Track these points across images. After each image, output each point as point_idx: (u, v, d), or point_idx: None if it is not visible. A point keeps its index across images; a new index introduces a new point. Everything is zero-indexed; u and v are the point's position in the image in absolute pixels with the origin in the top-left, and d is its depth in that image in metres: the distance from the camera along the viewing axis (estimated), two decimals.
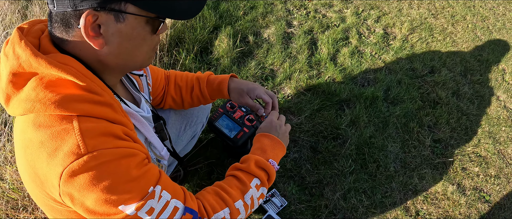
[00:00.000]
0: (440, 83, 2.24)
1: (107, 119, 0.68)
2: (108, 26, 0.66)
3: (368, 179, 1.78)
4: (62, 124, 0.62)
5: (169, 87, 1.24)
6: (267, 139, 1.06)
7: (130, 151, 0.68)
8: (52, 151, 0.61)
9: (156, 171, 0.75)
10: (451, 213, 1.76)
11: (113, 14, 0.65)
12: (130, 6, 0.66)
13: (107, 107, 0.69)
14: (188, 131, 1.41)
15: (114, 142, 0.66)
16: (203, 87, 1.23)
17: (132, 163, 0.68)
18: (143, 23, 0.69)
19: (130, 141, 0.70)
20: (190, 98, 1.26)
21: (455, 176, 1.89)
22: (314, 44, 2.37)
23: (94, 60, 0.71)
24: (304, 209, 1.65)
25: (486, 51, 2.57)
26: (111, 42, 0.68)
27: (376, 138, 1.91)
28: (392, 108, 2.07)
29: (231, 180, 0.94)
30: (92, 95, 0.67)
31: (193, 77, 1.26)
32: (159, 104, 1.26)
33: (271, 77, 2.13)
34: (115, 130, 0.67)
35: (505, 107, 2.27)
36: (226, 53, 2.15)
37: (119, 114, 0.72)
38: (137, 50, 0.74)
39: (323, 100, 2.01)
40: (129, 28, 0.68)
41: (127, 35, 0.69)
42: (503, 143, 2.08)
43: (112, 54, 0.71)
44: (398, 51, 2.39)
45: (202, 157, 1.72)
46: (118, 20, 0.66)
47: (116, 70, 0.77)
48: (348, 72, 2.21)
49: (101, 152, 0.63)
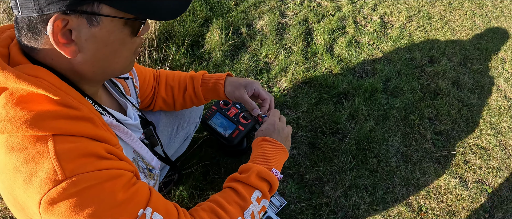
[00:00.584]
0: (440, 73, 2.21)
1: (87, 136, 0.62)
2: (81, 31, 0.59)
3: (369, 175, 1.74)
4: (36, 146, 0.56)
5: (159, 87, 1.15)
6: (269, 145, 0.97)
7: (115, 173, 0.62)
8: (28, 177, 0.55)
9: (146, 190, 0.69)
10: (454, 208, 1.73)
11: (86, 17, 0.58)
12: (105, 8, 0.58)
13: (86, 122, 0.63)
14: (180, 133, 1.34)
15: (95, 163, 0.60)
16: (197, 87, 1.15)
17: (118, 186, 0.62)
18: (120, 25, 0.62)
19: (114, 160, 0.64)
20: (183, 99, 1.17)
21: (458, 169, 1.86)
22: (310, 34, 2.30)
23: (68, 69, 0.64)
24: (304, 208, 1.60)
25: (485, 39, 2.55)
26: (85, 49, 0.61)
27: (377, 132, 1.87)
28: (392, 100, 2.03)
29: (230, 195, 0.86)
30: (68, 110, 0.60)
31: (186, 76, 1.17)
32: (149, 106, 1.19)
33: (265, 70, 2.06)
34: (96, 149, 0.61)
35: (506, 97, 2.25)
36: (218, 46, 2.08)
37: (100, 129, 0.65)
38: (116, 55, 0.67)
39: (321, 93, 1.96)
40: (105, 32, 0.61)
41: (103, 40, 0.62)
42: (505, 134, 2.07)
43: (88, 62, 0.64)
44: (396, 40, 2.35)
45: (196, 158, 1.66)
46: (91, 24, 0.59)
47: (94, 79, 0.70)
48: (345, 63, 2.16)
49: (81, 176, 0.57)
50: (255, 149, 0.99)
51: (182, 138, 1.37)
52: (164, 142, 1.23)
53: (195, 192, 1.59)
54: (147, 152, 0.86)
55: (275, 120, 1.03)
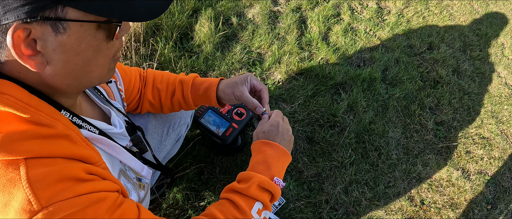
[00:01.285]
0: (439, 61, 2.17)
1: (63, 156, 0.56)
2: (46, 41, 0.51)
3: (370, 169, 1.70)
4: (7, 172, 0.50)
5: (146, 90, 1.08)
6: (271, 150, 0.89)
7: (97, 196, 0.57)
8: (3, 206, 0.50)
9: (133, 210, 0.64)
10: (456, 200, 1.72)
11: (50, 25, 0.50)
12: (71, 11, 0.51)
13: (62, 140, 0.57)
14: (171, 135, 1.26)
15: (74, 188, 0.54)
16: (186, 92, 1.06)
17: (101, 210, 0.57)
18: (92, 30, 0.55)
19: (95, 181, 0.59)
20: (171, 103, 1.09)
21: (459, 161, 1.84)
22: (304, 22, 2.24)
23: (39, 83, 0.57)
24: (303, 207, 1.56)
25: (484, 25, 2.52)
26: (54, 60, 0.54)
27: (376, 123, 1.82)
28: (391, 89, 1.98)
29: (228, 208, 0.80)
30: (39, 128, 0.54)
31: (175, 80, 1.08)
32: (136, 109, 1.11)
33: (258, 62, 1.99)
34: (74, 172, 0.56)
35: (506, 84, 2.24)
36: (208, 38, 2.00)
37: (78, 147, 0.60)
38: (91, 64, 0.59)
39: (317, 85, 1.90)
40: (75, 39, 0.53)
41: (73, 48, 0.54)
42: (506, 122, 2.05)
43: (59, 75, 0.57)
44: (394, 27, 2.30)
45: (189, 158, 1.60)
46: (57, 31, 0.51)
47: (69, 91, 0.63)
48: (342, 52, 2.10)
49: (59, 205, 0.51)
50: (255, 153, 0.91)
51: (174, 140, 1.30)
52: (154, 145, 1.17)
53: (190, 194, 1.53)
54: (136, 162, 0.81)
55: (279, 121, 0.94)
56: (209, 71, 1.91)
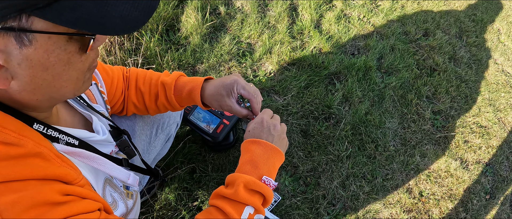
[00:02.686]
0: (435, 48, 2.19)
1: (35, 178, 0.52)
2: (10, 54, 0.47)
3: (367, 162, 1.71)
4: None
5: (129, 92, 1.03)
6: (258, 148, 0.84)
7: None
8: None
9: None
10: (455, 191, 1.75)
11: (13, 36, 0.46)
12: (37, 21, 0.46)
13: (33, 160, 0.53)
14: (160, 135, 1.22)
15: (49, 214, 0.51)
16: (170, 95, 1.00)
17: None
18: (62, 42, 0.50)
19: (73, 202, 0.55)
20: (156, 106, 1.04)
21: (458, 151, 1.86)
22: (295, 10, 2.22)
23: (5, 98, 0.54)
24: (300, 203, 1.56)
25: (480, 10, 2.55)
26: (19, 75, 0.50)
27: (373, 114, 1.83)
28: (387, 78, 1.99)
29: (215, 216, 0.76)
30: (6, 148, 0.50)
31: (157, 81, 1.02)
32: (121, 111, 1.07)
33: (249, 53, 1.97)
34: (47, 196, 0.52)
35: (503, 71, 2.27)
36: (195, 30, 1.96)
37: (52, 165, 0.56)
38: (61, 79, 0.54)
39: (311, 75, 1.89)
40: (42, 53, 0.49)
41: (41, 63, 0.50)
42: (503, 110, 2.08)
43: (26, 90, 0.52)
44: (388, 13, 2.30)
45: (180, 157, 1.57)
46: (22, 44, 0.47)
47: (40, 106, 0.59)
48: (335, 40, 2.09)
49: None
50: (242, 154, 0.87)
51: (163, 140, 1.27)
52: (142, 147, 1.13)
53: (183, 194, 1.52)
54: (120, 171, 0.77)
55: (263, 117, 0.90)
56: (197, 63, 1.88)
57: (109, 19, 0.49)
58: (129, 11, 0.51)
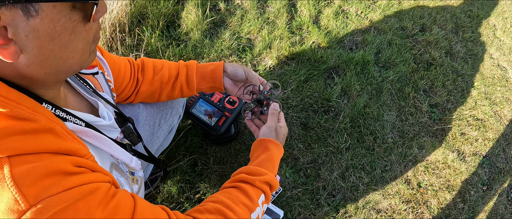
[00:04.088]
0: (432, 42, 2.24)
1: (48, 151, 0.55)
2: (18, 27, 0.49)
3: (366, 153, 1.75)
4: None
5: (145, 75, 1.08)
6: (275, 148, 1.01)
7: (88, 188, 0.56)
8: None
9: (129, 200, 0.64)
10: (453, 182, 1.79)
11: (20, 8, 0.48)
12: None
13: (46, 135, 0.56)
14: (164, 126, 1.26)
15: (63, 182, 0.53)
16: (191, 74, 1.09)
17: (94, 202, 0.56)
18: (67, 11, 0.52)
19: (85, 173, 0.58)
20: (171, 88, 1.11)
21: (455, 143, 1.91)
22: (294, 6, 2.27)
23: (14, 75, 0.55)
24: (301, 194, 1.60)
25: (476, 6, 2.60)
26: (28, 47, 0.51)
27: (371, 107, 1.88)
28: (384, 72, 2.04)
29: (237, 196, 0.85)
30: (21, 123, 0.53)
31: (177, 64, 1.12)
32: (128, 98, 1.11)
33: (248, 48, 2.01)
34: (61, 165, 0.54)
35: (499, 66, 2.32)
36: (195, 26, 2.01)
37: (64, 140, 0.58)
38: (68, 49, 0.57)
39: (310, 69, 1.94)
40: (48, 23, 0.51)
41: (47, 33, 0.52)
42: (499, 103, 2.13)
43: (35, 63, 0.54)
44: (386, 8, 2.35)
45: (182, 150, 1.61)
46: (28, 15, 0.49)
47: (47, 81, 0.60)
48: (333, 35, 2.14)
49: (49, 201, 0.50)
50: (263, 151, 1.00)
51: (166, 131, 1.30)
52: (146, 138, 1.17)
53: (185, 186, 1.55)
54: (125, 154, 0.81)
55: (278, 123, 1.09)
56: (198, 59, 1.92)
57: None
58: None
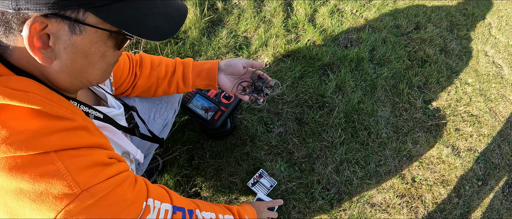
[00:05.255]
0: (427, 40, 2.26)
1: (86, 145, 0.63)
2: (60, 38, 0.56)
3: (360, 148, 1.77)
4: (41, 165, 0.56)
5: (143, 70, 1.14)
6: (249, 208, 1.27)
7: (121, 177, 0.67)
8: (37, 197, 0.56)
9: (143, 182, 0.76)
10: (447, 177, 1.80)
11: (68, 24, 0.55)
12: (91, 16, 0.56)
13: (81, 132, 0.63)
14: (158, 120, 1.31)
15: (104, 172, 0.63)
16: (187, 72, 1.16)
17: (125, 188, 0.67)
18: (105, 37, 0.60)
19: (116, 164, 0.68)
20: (167, 84, 1.17)
21: (449, 138, 1.92)
22: (290, 5, 2.30)
23: (41, 75, 0.62)
24: (295, 188, 1.62)
25: (471, 5, 2.62)
26: (62, 57, 0.59)
27: (365, 103, 1.90)
28: (379, 69, 2.06)
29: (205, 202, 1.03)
30: (63, 122, 0.60)
31: (174, 61, 1.18)
32: (125, 91, 1.17)
33: (245, 46, 2.05)
34: (100, 158, 0.64)
35: (494, 63, 2.33)
36: (193, 24, 2.04)
37: (95, 136, 0.66)
38: (94, 67, 0.65)
39: (305, 66, 1.97)
40: (87, 42, 0.59)
41: (83, 50, 0.60)
42: (494, 100, 2.14)
43: (64, 72, 0.62)
44: (380, 7, 2.38)
45: (179, 143, 1.65)
46: (73, 32, 0.56)
47: (70, 88, 0.68)
48: (328, 33, 2.17)
49: (96, 188, 0.60)
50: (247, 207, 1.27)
51: (161, 125, 1.34)
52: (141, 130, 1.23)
53: (181, 180, 1.58)
54: (132, 147, 0.89)
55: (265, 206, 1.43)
56: (196, 56, 1.95)
57: (146, 27, 0.62)
58: (162, 23, 0.64)
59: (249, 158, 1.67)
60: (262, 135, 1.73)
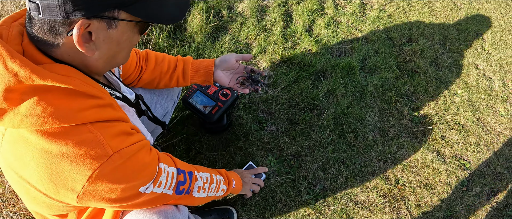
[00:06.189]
0: (418, 52, 2.36)
1: (113, 119, 0.80)
2: (99, 33, 0.73)
3: (347, 149, 1.88)
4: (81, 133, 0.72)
5: (148, 65, 1.32)
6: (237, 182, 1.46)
7: (141, 144, 0.83)
8: (77, 158, 0.71)
9: (156, 151, 0.91)
10: (431, 181, 1.87)
11: (105, 22, 0.72)
12: (122, 13, 0.73)
13: (109, 108, 0.79)
14: (159, 109, 1.49)
15: (128, 139, 0.79)
16: (187, 68, 1.35)
17: (144, 152, 0.84)
18: (132, 26, 0.78)
19: (137, 134, 0.84)
20: (169, 78, 1.36)
21: (435, 144, 2.00)
22: (289, 16, 2.45)
23: (81, 64, 0.78)
24: (283, 181, 1.74)
25: (465, 21, 2.70)
26: (102, 48, 0.76)
27: (354, 107, 2.01)
28: (369, 77, 2.18)
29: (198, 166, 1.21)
30: (96, 100, 0.76)
31: (176, 58, 1.37)
32: (132, 83, 1.35)
33: (245, 51, 2.20)
34: (125, 128, 0.81)
35: (485, 76, 2.41)
36: (199, 29, 2.22)
37: (119, 112, 0.83)
38: (123, 51, 0.83)
39: (299, 72, 2.10)
40: (120, 33, 0.76)
41: (116, 39, 0.77)
42: (483, 111, 2.21)
43: (102, 59, 0.79)
44: (375, 21, 2.50)
45: (178, 135, 1.80)
46: (110, 27, 0.73)
47: (102, 71, 0.85)
48: (324, 42, 2.30)
49: (124, 150, 0.76)
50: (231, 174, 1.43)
51: (161, 114, 1.52)
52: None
53: None
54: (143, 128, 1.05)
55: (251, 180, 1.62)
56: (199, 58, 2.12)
57: (163, 15, 0.80)
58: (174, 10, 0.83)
59: (242, 152, 1.80)
60: (255, 132, 1.86)
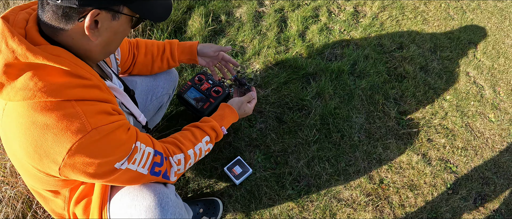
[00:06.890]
0: (408, 58, 2.42)
1: (97, 99, 0.88)
2: (104, 23, 0.85)
3: (332, 148, 1.94)
4: (65, 108, 0.80)
5: (139, 51, 1.47)
6: (229, 110, 1.45)
7: (120, 123, 0.91)
8: (59, 131, 0.79)
9: (134, 131, 0.99)
10: (416, 182, 1.91)
11: (111, 14, 0.85)
12: (126, 8, 0.87)
13: (96, 89, 0.88)
14: (154, 102, 1.61)
15: (108, 118, 0.87)
16: (173, 49, 1.51)
17: (122, 131, 0.91)
18: (129, 20, 0.91)
19: (117, 115, 0.92)
20: (160, 60, 1.51)
21: (421, 147, 2.04)
22: (284, 22, 2.54)
23: (81, 48, 0.88)
24: (268, 176, 1.80)
25: (458, 30, 2.74)
26: (103, 35, 0.88)
27: (341, 109, 2.08)
28: (358, 81, 2.24)
29: (187, 134, 1.26)
30: (83, 80, 0.85)
31: (164, 42, 1.53)
32: (128, 69, 1.49)
33: (241, 53, 2.30)
34: (106, 108, 0.88)
35: (475, 83, 2.44)
36: (198, 32, 2.32)
37: (105, 93, 0.91)
38: (118, 40, 0.95)
39: (290, 74, 2.18)
40: (119, 25, 0.89)
41: (115, 30, 0.89)
42: (472, 116, 2.24)
43: (101, 45, 0.90)
44: (367, 28, 2.57)
45: (171, 129, 1.89)
46: (114, 19, 0.86)
47: (98, 57, 0.96)
48: (315, 47, 2.38)
49: (102, 128, 0.84)
50: (219, 109, 1.45)
51: (156, 107, 1.64)
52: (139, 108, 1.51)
53: None
54: (136, 109, 1.18)
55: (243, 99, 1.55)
56: None
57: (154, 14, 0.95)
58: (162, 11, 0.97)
59: (230, 147, 1.88)
60: (244, 129, 1.94)
